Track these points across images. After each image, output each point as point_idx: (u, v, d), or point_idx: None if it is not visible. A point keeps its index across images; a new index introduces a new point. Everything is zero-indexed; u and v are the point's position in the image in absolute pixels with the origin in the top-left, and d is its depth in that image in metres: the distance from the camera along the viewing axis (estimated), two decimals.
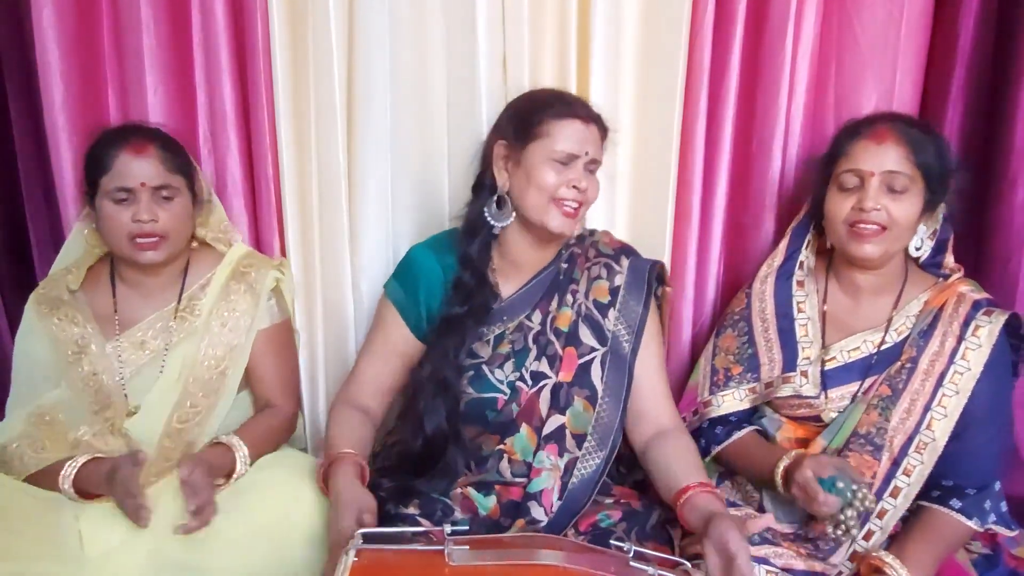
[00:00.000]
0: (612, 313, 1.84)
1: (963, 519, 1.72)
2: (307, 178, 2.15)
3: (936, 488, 1.76)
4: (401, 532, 1.52)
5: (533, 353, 1.81)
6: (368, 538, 1.37)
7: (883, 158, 1.74)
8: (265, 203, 2.17)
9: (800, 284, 1.94)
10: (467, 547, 1.33)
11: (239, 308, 1.91)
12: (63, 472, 1.73)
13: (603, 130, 1.82)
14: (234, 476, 1.78)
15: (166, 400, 1.85)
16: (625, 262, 1.90)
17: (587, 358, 1.81)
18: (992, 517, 1.74)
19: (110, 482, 1.68)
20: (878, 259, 1.78)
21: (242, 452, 1.79)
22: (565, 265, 1.89)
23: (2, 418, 1.92)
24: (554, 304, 1.85)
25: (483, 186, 1.85)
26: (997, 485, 1.77)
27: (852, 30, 2.12)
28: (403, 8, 2.09)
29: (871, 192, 1.74)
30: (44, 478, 1.76)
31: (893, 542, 1.74)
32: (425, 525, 1.65)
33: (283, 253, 2.19)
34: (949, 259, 1.92)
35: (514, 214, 1.80)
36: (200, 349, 1.88)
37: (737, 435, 1.89)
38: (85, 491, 1.74)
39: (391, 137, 2.15)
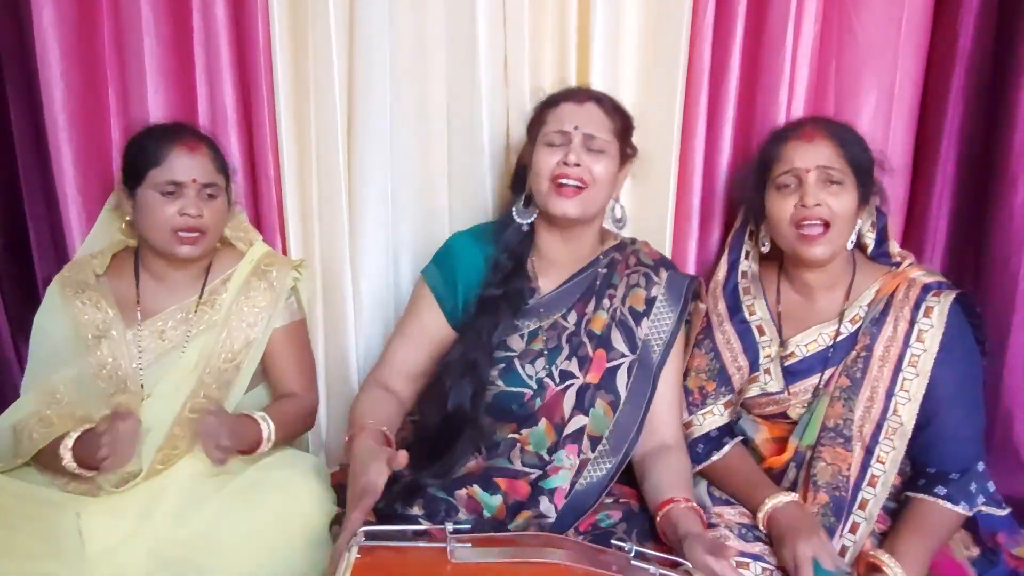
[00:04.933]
0: (646, 322, 1.86)
1: (950, 505, 1.72)
2: (307, 178, 2.15)
3: (922, 476, 1.78)
4: (404, 530, 1.51)
5: (565, 352, 1.82)
6: (371, 535, 1.36)
7: (815, 154, 1.79)
8: (266, 203, 2.17)
9: (746, 291, 1.98)
10: (469, 544, 1.33)
11: (258, 304, 1.94)
12: (62, 445, 1.72)
13: (612, 112, 1.85)
14: (259, 451, 1.81)
15: (181, 389, 1.86)
16: (664, 275, 1.92)
17: (616, 363, 1.82)
18: (980, 499, 1.75)
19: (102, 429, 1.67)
20: (827, 258, 1.82)
21: (268, 427, 1.82)
22: (604, 270, 1.90)
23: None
24: (591, 306, 1.86)
25: (515, 184, 1.92)
26: (980, 466, 1.77)
27: (852, 30, 2.12)
28: (403, 8, 2.09)
29: (810, 188, 1.78)
30: (49, 455, 1.75)
31: (885, 538, 1.75)
32: (428, 526, 1.63)
33: (284, 253, 2.19)
34: (894, 246, 1.95)
35: (538, 210, 1.85)
36: (218, 341, 1.90)
37: (717, 456, 1.89)
38: (85, 462, 1.72)
39: (391, 137, 2.15)
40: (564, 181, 1.77)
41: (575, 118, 1.80)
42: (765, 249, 1.94)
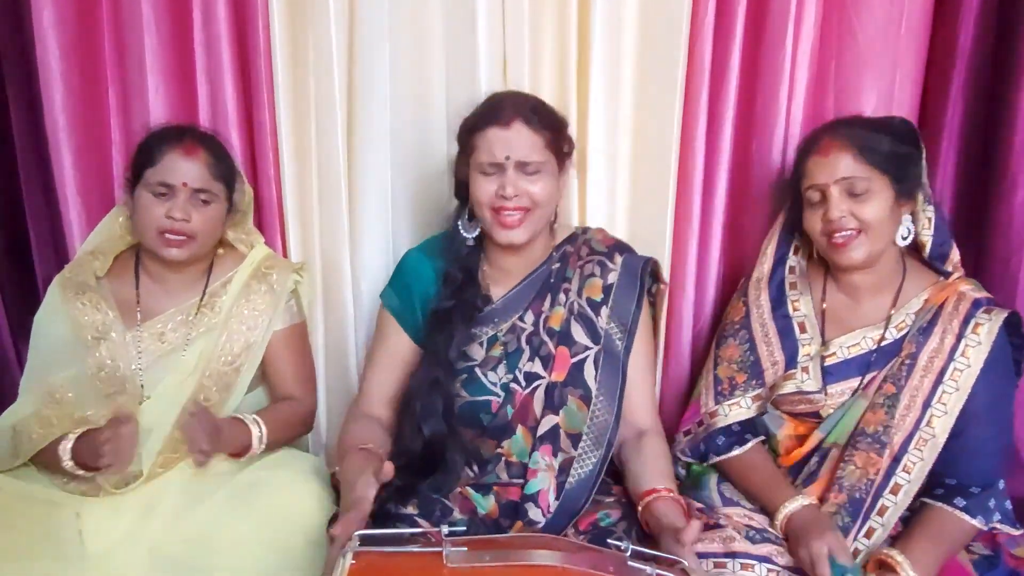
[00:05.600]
0: (604, 311, 1.83)
1: (967, 518, 1.72)
2: (307, 178, 2.15)
3: (940, 486, 1.77)
4: (398, 533, 1.52)
5: (526, 354, 1.81)
6: (365, 540, 1.36)
7: (833, 168, 1.78)
8: (266, 203, 2.17)
9: (792, 286, 1.96)
10: (464, 548, 1.33)
11: (259, 307, 1.95)
12: (61, 447, 1.74)
13: (541, 127, 1.76)
14: (249, 454, 1.81)
15: (181, 391, 1.87)
16: (619, 259, 1.89)
17: (580, 357, 1.80)
18: (996, 516, 1.74)
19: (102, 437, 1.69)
20: (864, 261, 1.80)
21: (259, 430, 1.82)
22: (557, 265, 1.88)
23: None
24: (547, 304, 1.85)
25: (459, 194, 1.88)
26: (1001, 483, 1.77)
27: (852, 30, 2.11)
28: (403, 8, 2.09)
29: (833, 202, 1.77)
30: (49, 455, 1.77)
31: (896, 541, 1.74)
32: (423, 525, 1.64)
33: (284, 253, 2.19)
34: (956, 254, 1.92)
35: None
36: (218, 344, 1.91)
37: (739, 450, 1.88)
38: (85, 464, 1.74)
39: (391, 137, 2.15)
40: (505, 214, 1.75)
41: (505, 146, 1.73)
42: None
